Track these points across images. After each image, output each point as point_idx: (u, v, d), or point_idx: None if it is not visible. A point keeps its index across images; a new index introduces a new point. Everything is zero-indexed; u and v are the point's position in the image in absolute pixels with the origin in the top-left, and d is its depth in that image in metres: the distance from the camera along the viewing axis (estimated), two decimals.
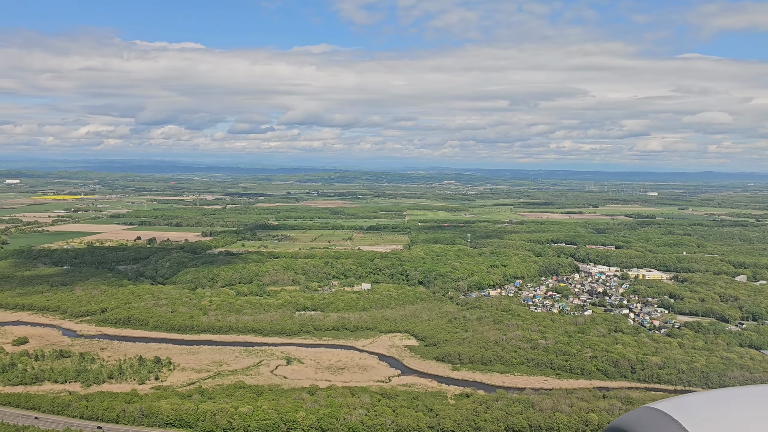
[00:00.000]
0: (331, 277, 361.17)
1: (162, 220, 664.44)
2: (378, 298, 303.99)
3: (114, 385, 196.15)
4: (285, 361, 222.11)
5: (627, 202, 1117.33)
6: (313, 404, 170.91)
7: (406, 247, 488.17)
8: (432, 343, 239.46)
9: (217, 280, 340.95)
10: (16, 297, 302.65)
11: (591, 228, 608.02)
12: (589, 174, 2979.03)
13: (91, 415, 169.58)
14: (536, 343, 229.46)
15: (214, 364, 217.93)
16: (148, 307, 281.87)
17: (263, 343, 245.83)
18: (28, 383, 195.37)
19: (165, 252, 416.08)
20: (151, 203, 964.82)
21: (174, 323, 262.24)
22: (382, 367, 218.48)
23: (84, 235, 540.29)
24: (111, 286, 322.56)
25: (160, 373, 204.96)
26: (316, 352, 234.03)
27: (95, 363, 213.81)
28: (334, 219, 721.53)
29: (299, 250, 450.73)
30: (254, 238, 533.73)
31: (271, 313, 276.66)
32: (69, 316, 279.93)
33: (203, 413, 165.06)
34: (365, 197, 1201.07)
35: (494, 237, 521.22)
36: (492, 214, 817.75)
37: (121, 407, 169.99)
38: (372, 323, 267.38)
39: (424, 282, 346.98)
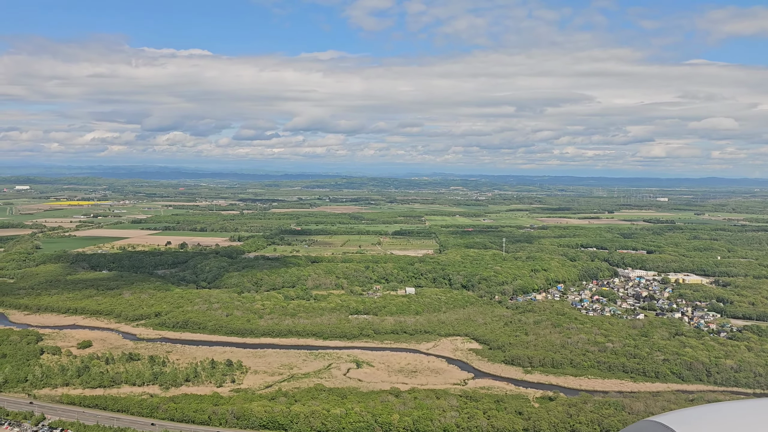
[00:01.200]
0: (372, 281, 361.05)
1: (185, 226, 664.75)
2: (428, 301, 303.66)
3: (192, 387, 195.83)
4: (354, 364, 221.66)
5: (641, 207, 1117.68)
6: (401, 407, 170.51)
7: (437, 251, 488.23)
8: (496, 346, 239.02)
9: (261, 284, 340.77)
10: (67, 301, 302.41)
11: (616, 233, 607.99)
12: (593, 180, 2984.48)
13: (181, 417, 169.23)
14: (603, 346, 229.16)
15: (284, 367, 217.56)
16: (202, 311, 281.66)
17: (325, 346, 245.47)
18: (107, 386, 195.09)
19: (202, 257, 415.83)
20: (167, 209, 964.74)
21: (232, 326, 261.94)
22: (452, 370, 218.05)
23: (112, 240, 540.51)
24: (159, 290, 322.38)
25: (235, 375, 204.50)
26: (382, 355, 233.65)
27: (166, 366, 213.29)
28: (356, 224, 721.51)
29: (333, 255, 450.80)
30: (283, 242, 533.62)
31: (325, 317, 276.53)
32: (123, 319, 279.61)
33: (296, 415, 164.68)
34: (378, 203, 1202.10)
35: (524, 242, 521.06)
36: (510, 220, 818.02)
37: (211, 409, 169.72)
38: (429, 327, 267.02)
39: (468, 286, 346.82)
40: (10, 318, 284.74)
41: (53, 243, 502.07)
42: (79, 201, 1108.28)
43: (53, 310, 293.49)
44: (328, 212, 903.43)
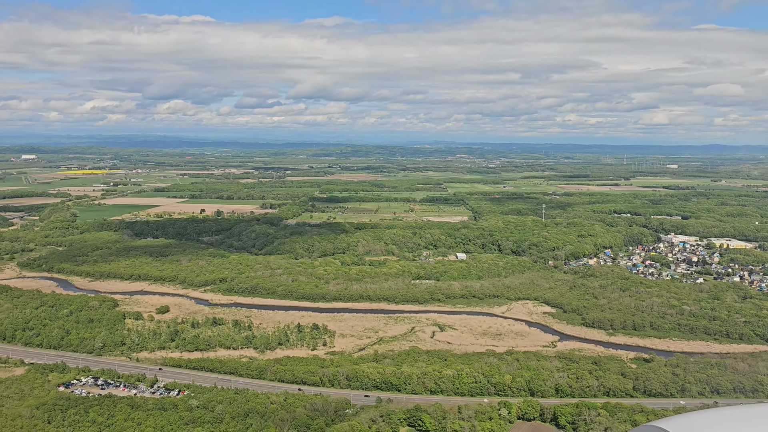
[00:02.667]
0: (421, 247, 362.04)
1: (211, 194, 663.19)
2: (487, 267, 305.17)
3: (286, 350, 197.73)
4: (437, 327, 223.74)
5: (655, 174, 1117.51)
6: (507, 368, 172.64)
7: (471, 218, 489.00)
8: (570, 309, 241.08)
9: (313, 250, 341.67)
10: (128, 268, 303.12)
11: (644, 199, 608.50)
12: (596, 147, 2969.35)
13: (291, 378, 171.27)
14: (680, 309, 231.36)
15: (369, 331, 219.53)
16: (265, 277, 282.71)
17: (399, 310, 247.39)
18: (203, 349, 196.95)
19: (246, 224, 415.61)
20: (183, 177, 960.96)
21: (302, 292, 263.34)
22: (535, 333, 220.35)
23: (144, 208, 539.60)
24: (215, 257, 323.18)
25: (326, 339, 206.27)
26: (460, 319, 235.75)
27: (252, 330, 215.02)
28: (379, 191, 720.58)
29: (371, 221, 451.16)
30: (316, 209, 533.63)
31: (390, 282, 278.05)
32: (189, 285, 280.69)
33: (409, 376, 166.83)
34: (390, 171, 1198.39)
35: (557, 208, 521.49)
36: (530, 187, 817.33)
37: (321, 371, 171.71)
38: (495, 291, 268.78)
39: (518, 252, 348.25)
40: (75, 284, 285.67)
41: (88, 211, 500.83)
42: (92, 170, 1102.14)
43: (115, 276, 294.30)
44: (345, 180, 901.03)
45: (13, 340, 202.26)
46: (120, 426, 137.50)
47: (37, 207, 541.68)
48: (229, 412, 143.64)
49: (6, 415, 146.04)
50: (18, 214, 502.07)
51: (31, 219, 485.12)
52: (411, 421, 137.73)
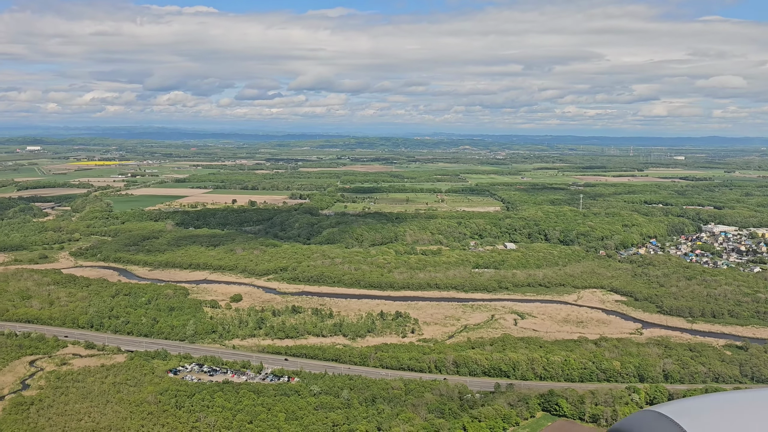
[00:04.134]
0: (467, 237, 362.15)
1: (234, 184, 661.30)
2: (542, 256, 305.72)
3: (377, 338, 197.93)
4: (517, 315, 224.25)
5: (666, 165, 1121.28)
6: (609, 354, 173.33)
7: (503, 208, 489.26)
8: (642, 297, 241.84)
9: (362, 240, 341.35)
10: (184, 257, 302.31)
11: (670, 190, 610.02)
12: (595, 139, 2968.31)
13: (396, 365, 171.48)
14: (755, 297, 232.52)
15: (450, 319, 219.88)
16: (326, 266, 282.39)
17: (470, 299, 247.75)
18: (294, 336, 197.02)
19: (287, 214, 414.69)
20: (197, 168, 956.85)
21: (369, 280, 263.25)
22: (615, 320, 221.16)
23: (171, 198, 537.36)
24: (267, 246, 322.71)
25: (413, 326, 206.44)
26: (535, 307, 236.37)
27: (333, 318, 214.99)
28: (399, 182, 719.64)
29: (405, 211, 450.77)
30: (346, 200, 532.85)
31: (452, 271, 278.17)
32: (250, 274, 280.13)
33: (517, 362, 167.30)
34: (400, 162, 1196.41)
35: (588, 198, 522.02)
36: (548, 178, 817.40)
37: (425, 358, 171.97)
38: (559, 279, 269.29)
39: (566, 241, 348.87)
40: (136, 273, 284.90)
41: (119, 202, 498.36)
42: (102, 161, 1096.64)
43: (174, 266, 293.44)
44: (361, 171, 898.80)
45: (101, 327, 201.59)
46: (251, 411, 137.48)
47: (65, 197, 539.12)
48: (355, 397, 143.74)
49: (129, 400, 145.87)
50: (47, 205, 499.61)
51: (62, 209, 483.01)
52: (546, 405, 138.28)
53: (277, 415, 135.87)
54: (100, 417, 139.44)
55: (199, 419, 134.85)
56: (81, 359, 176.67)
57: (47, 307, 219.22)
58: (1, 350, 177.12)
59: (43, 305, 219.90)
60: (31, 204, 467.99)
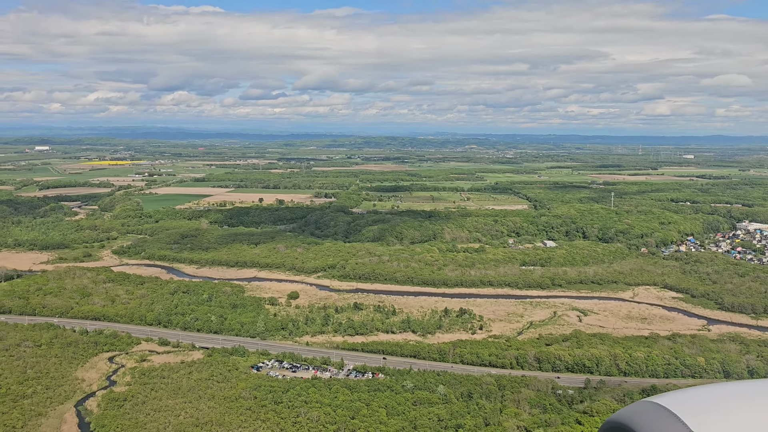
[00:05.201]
0: (504, 235, 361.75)
1: (256, 183, 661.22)
2: (587, 253, 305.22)
3: (446, 334, 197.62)
4: (579, 312, 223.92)
5: (679, 164, 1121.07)
6: (687, 350, 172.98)
7: (531, 207, 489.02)
8: (699, 294, 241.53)
9: (402, 237, 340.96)
10: (229, 255, 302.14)
11: (692, 188, 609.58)
12: (599, 138, 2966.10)
13: (477, 361, 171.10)
14: None
15: (512, 315, 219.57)
16: (375, 263, 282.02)
17: (525, 295, 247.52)
18: (364, 333, 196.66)
19: (320, 212, 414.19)
20: (211, 168, 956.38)
21: (422, 277, 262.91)
22: (678, 317, 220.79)
23: (196, 197, 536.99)
24: (309, 244, 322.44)
25: (481, 323, 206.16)
26: (593, 303, 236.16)
27: (396, 315, 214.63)
28: (418, 181, 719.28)
29: (435, 209, 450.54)
30: (370, 198, 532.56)
31: (501, 268, 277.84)
32: (298, 272, 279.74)
33: (600, 358, 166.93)
34: (412, 162, 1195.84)
35: (616, 197, 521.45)
36: (564, 177, 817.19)
37: (505, 354, 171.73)
38: (609, 276, 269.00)
39: (605, 239, 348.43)
40: (184, 271, 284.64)
41: (148, 201, 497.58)
42: (114, 161, 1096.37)
43: (220, 263, 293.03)
44: (377, 170, 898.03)
45: (169, 324, 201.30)
46: (349, 407, 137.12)
47: (90, 196, 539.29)
48: (451, 393, 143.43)
49: (222, 396, 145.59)
50: (74, 204, 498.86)
51: (89, 208, 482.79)
52: None
53: (378, 410, 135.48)
54: (197, 412, 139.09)
55: (300, 414, 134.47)
56: (159, 356, 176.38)
57: (109, 304, 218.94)
58: (79, 347, 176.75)
59: (105, 303, 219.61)
60: (61, 203, 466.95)
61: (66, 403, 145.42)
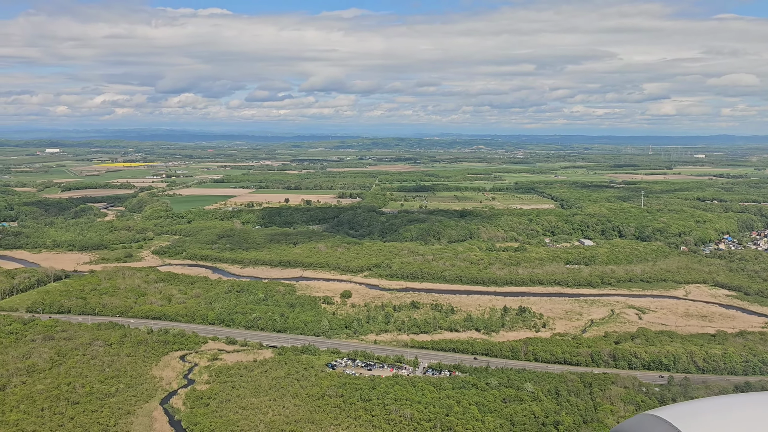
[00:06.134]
0: (539, 234, 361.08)
1: (275, 184, 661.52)
2: (629, 252, 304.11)
3: (510, 332, 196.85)
4: (635, 310, 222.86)
5: (693, 164, 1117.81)
6: (764, 347, 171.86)
7: (558, 206, 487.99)
8: (753, 292, 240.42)
9: (439, 236, 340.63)
10: (270, 254, 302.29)
11: (715, 187, 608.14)
12: (605, 138, 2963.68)
13: (550, 358, 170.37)
14: None
15: (571, 314, 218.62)
16: (419, 262, 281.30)
17: (577, 294, 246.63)
18: (429, 331, 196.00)
19: (352, 212, 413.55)
20: (226, 169, 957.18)
21: (471, 276, 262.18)
22: (738, 314, 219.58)
23: (221, 198, 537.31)
24: (349, 244, 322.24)
25: (544, 321, 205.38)
26: (648, 301, 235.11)
27: (456, 313, 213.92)
28: (438, 181, 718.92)
29: (463, 208, 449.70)
30: (397, 199, 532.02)
31: (546, 267, 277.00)
32: (343, 271, 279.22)
33: (677, 355, 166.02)
34: (424, 162, 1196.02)
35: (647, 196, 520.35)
36: (582, 176, 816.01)
37: (579, 351, 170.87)
38: (657, 274, 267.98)
39: (642, 237, 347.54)
40: (228, 271, 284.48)
41: (176, 202, 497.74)
42: (128, 163, 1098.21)
43: (263, 263, 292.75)
44: (392, 171, 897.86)
45: (231, 323, 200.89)
46: (440, 404, 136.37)
47: (114, 198, 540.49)
48: (538, 390, 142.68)
49: (308, 394, 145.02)
50: (100, 205, 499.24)
51: (116, 209, 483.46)
52: None
53: (469, 407, 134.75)
54: (284, 410, 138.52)
55: (392, 412, 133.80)
56: (229, 354, 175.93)
57: (166, 303, 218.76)
58: (149, 346, 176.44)
59: (162, 302, 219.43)
60: (89, 205, 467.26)
61: (151, 402, 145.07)
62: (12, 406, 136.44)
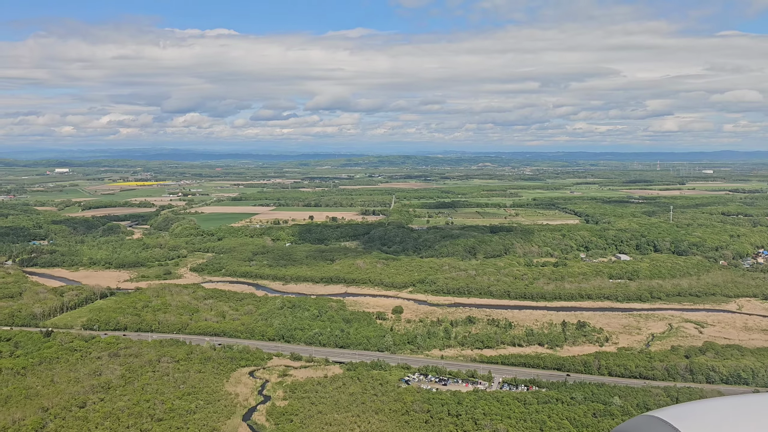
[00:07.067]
0: (573, 249, 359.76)
1: (295, 201, 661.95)
2: (671, 266, 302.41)
3: (575, 347, 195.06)
4: (693, 324, 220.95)
5: (705, 179, 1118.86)
6: None
7: (583, 221, 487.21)
8: None
9: (475, 252, 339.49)
10: (311, 271, 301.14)
11: (736, 202, 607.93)
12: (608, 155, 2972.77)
13: (626, 372, 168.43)
14: None
15: (629, 328, 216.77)
16: (463, 277, 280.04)
17: (630, 308, 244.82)
18: (492, 346, 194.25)
19: (383, 229, 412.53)
20: (239, 187, 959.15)
21: (519, 291, 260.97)
22: None
23: (243, 216, 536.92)
24: (386, 260, 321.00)
25: (605, 335, 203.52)
26: (704, 316, 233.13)
27: (514, 328, 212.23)
28: (454, 197, 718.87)
29: (490, 224, 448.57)
30: (420, 215, 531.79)
31: (592, 281, 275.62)
32: (387, 287, 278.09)
33: (756, 369, 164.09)
34: (435, 179, 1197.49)
35: (666, 211, 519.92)
36: (598, 192, 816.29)
37: (656, 365, 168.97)
38: (705, 288, 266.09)
39: (678, 252, 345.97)
40: (272, 287, 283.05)
41: (202, 220, 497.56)
42: (140, 182, 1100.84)
43: (305, 279, 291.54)
44: (405, 188, 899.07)
45: (292, 339, 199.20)
46: (532, 419, 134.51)
47: (137, 216, 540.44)
48: (627, 404, 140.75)
49: (391, 410, 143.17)
50: (124, 223, 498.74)
51: (141, 227, 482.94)
52: None
53: (562, 422, 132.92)
54: (370, 426, 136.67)
55: (485, 427, 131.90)
56: (297, 370, 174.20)
57: (221, 320, 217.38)
58: (216, 362, 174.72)
59: (217, 318, 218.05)
60: (116, 223, 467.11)
61: (233, 418, 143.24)
62: (97, 423, 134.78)
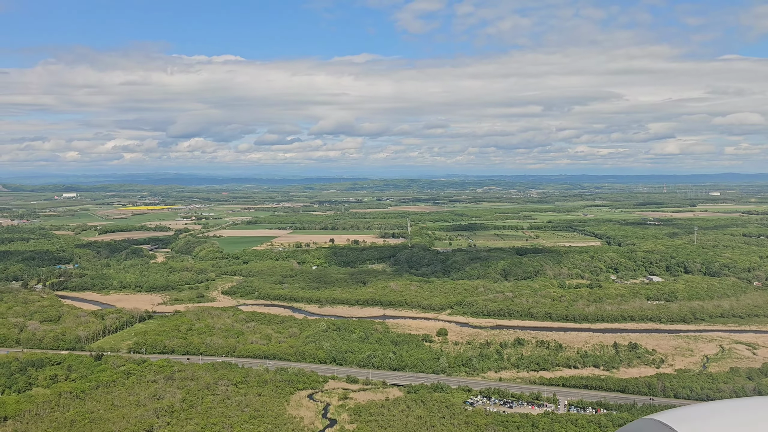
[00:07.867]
0: (603, 271, 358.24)
1: (311, 225, 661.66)
2: (707, 287, 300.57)
3: (632, 369, 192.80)
4: (744, 345, 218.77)
5: (715, 201, 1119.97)
6: None
7: (604, 243, 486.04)
8: None
9: (506, 274, 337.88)
10: (346, 293, 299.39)
11: (755, 224, 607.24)
12: (611, 177, 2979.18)
13: (690, 395, 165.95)
14: None
15: (680, 350, 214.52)
16: (501, 299, 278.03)
17: (675, 330, 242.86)
18: (547, 368, 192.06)
19: (409, 251, 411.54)
20: (250, 211, 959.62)
21: (560, 313, 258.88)
22: None
23: (263, 240, 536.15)
24: (420, 282, 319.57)
25: (659, 357, 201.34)
26: (754, 337, 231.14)
27: (564, 350, 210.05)
28: (469, 220, 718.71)
29: (513, 246, 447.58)
30: (439, 238, 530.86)
31: (630, 303, 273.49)
32: (424, 309, 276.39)
33: None
34: (444, 202, 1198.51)
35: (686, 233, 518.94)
36: (610, 214, 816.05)
37: (722, 387, 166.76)
38: (747, 310, 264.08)
39: (709, 273, 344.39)
40: (308, 310, 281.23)
41: (223, 244, 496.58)
42: (150, 206, 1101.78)
43: (341, 302, 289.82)
44: (417, 211, 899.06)
45: (344, 362, 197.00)
46: None
47: (155, 240, 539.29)
48: None
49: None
50: (145, 247, 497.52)
51: (162, 251, 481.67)
52: None
53: None
54: None
55: None
56: (356, 393, 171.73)
57: (267, 342, 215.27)
58: (275, 385, 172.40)
59: (263, 341, 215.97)
60: (139, 247, 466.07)
61: None
62: None
